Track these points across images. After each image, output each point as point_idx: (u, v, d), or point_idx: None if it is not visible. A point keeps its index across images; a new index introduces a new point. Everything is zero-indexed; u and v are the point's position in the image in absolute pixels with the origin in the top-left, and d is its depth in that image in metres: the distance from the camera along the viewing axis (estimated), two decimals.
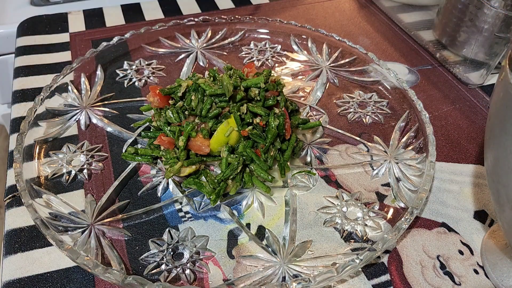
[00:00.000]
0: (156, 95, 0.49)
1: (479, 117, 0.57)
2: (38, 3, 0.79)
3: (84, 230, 0.41)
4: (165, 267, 0.39)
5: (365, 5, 0.81)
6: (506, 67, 0.30)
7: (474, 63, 0.62)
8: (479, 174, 0.49)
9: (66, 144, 0.50)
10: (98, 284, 0.38)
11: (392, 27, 0.74)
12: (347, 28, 0.74)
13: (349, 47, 0.62)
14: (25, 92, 0.58)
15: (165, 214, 0.44)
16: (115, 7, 0.77)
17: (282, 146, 0.47)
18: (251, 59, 0.64)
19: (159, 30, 0.65)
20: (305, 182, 0.47)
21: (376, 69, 0.60)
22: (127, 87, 0.59)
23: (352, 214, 0.44)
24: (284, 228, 0.43)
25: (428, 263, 0.41)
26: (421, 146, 0.50)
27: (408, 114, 0.54)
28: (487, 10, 0.57)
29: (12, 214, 0.43)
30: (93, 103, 0.55)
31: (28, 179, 0.44)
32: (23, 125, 0.47)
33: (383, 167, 0.49)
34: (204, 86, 0.46)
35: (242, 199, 0.45)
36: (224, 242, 0.42)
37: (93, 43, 0.67)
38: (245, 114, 0.45)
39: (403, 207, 0.45)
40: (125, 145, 0.50)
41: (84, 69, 0.58)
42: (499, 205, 0.34)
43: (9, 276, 0.38)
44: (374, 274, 0.40)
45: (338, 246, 0.41)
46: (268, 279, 0.38)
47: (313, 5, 0.80)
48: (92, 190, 0.45)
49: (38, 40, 0.68)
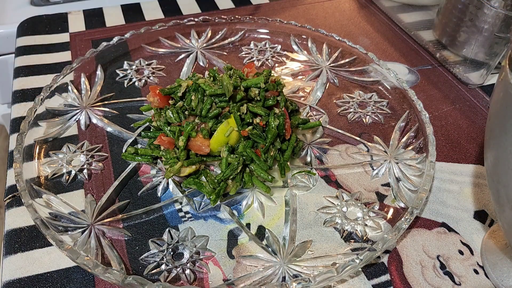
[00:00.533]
0: (156, 95, 0.49)
1: (479, 117, 0.57)
2: (38, 3, 0.79)
3: (84, 230, 0.41)
4: (165, 267, 0.39)
5: (365, 5, 0.81)
6: (506, 67, 0.30)
7: (474, 63, 0.62)
8: (479, 174, 0.49)
9: (66, 144, 0.50)
10: (98, 284, 0.38)
11: (392, 27, 0.74)
12: (347, 28, 0.74)
13: (349, 47, 0.62)
14: (25, 92, 0.58)
15: (165, 214, 0.44)
16: (115, 7, 0.77)
17: (282, 146, 0.47)
18: (251, 59, 0.64)
19: (159, 30, 0.65)
20: (305, 182, 0.47)
21: (376, 69, 0.60)
22: (127, 87, 0.59)
23: (352, 214, 0.44)
24: (284, 228, 0.43)
25: (428, 263, 0.41)
26: (421, 146, 0.50)
27: (408, 114, 0.54)
28: (487, 10, 0.57)
29: (12, 214, 0.43)
30: (93, 103, 0.55)
31: (28, 179, 0.44)
32: (23, 125, 0.47)
33: (383, 167, 0.49)
34: (204, 86, 0.46)
35: (242, 199, 0.45)
36: (224, 242, 0.42)
37: (93, 43, 0.67)
38: (245, 114, 0.45)
39: (403, 207, 0.45)
40: (125, 145, 0.50)
41: (84, 69, 0.58)
42: (499, 205, 0.34)
43: (9, 276, 0.38)
44: (374, 274, 0.40)
45: (338, 246, 0.41)
46: (268, 279, 0.38)
47: (313, 5, 0.80)
48: (92, 190, 0.45)
49: (38, 40, 0.68)
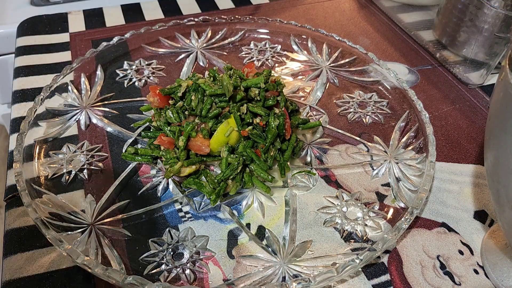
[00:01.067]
0: (156, 95, 0.49)
1: (479, 117, 0.57)
2: (38, 3, 0.79)
3: (84, 230, 0.41)
4: (165, 267, 0.39)
5: (365, 5, 0.81)
6: (506, 67, 0.30)
7: (474, 63, 0.62)
8: (479, 174, 0.49)
9: (66, 144, 0.50)
10: (98, 284, 0.38)
11: (392, 27, 0.74)
12: (347, 28, 0.74)
13: (349, 47, 0.62)
14: (25, 92, 0.58)
15: (165, 214, 0.44)
16: (115, 7, 0.77)
17: (282, 146, 0.47)
18: (251, 59, 0.64)
19: (159, 30, 0.65)
20: (305, 182, 0.47)
21: (376, 69, 0.60)
22: (127, 87, 0.59)
23: (352, 214, 0.44)
24: (284, 228, 0.43)
25: (428, 263, 0.41)
26: (421, 146, 0.50)
27: (408, 114, 0.54)
28: (487, 10, 0.57)
29: (12, 214, 0.43)
30: (93, 103, 0.55)
31: (28, 179, 0.44)
32: (23, 125, 0.47)
33: (383, 167, 0.49)
34: (204, 86, 0.46)
35: (242, 199, 0.45)
36: (224, 242, 0.42)
37: (93, 43, 0.67)
38: (245, 114, 0.45)
39: (403, 207, 0.45)
40: (125, 145, 0.50)
41: (84, 69, 0.58)
42: (499, 205, 0.34)
43: (9, 276, 0.38)
44: (374, 274, 0.40)
45: (338, 246, 0.41)
46: (268, 279, 0.38)
47: (313, 5, 0.80)
48: (92, 190, 0.45)
49: (38, 40, 0.68)
